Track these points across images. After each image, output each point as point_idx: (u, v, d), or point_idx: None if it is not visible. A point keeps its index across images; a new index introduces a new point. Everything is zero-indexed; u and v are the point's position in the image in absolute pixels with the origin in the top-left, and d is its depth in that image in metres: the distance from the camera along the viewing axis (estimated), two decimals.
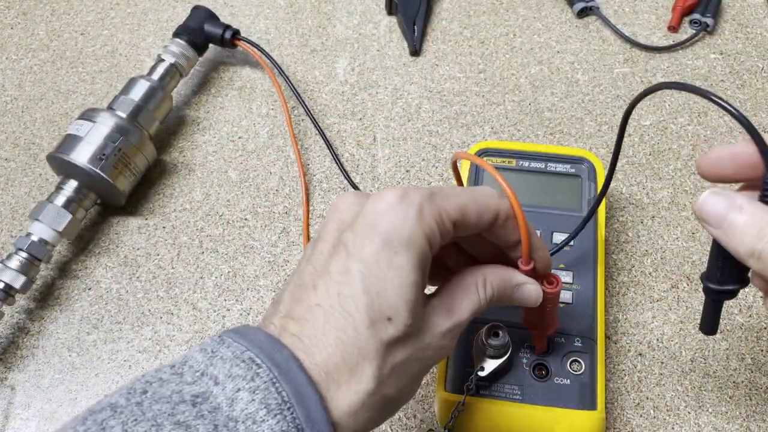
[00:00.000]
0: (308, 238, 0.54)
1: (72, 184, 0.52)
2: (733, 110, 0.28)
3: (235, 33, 0.62)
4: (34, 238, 0.50)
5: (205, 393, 0.28)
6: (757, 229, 0.28)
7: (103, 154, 0.52)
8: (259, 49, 0.62)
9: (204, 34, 0.61)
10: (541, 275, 0.36)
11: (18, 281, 0.48)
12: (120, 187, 0.53)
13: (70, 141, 0.52)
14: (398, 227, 0.30)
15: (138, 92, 0.56)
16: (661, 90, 0.31)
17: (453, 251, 0.37)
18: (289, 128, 0.58)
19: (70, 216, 0.51)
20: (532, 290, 0.35)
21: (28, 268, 0.49)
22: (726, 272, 0.32)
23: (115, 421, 0.27)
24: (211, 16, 0.62)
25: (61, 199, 0.52)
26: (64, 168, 0.53)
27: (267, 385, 0.28)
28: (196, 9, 0.62)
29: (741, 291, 0.33)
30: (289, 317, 0.31)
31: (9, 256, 0.49)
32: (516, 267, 0.35)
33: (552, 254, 0.44)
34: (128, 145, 0.53)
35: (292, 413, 0.27)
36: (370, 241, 0.30)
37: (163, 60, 0.59)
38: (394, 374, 0.31)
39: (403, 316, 0.30)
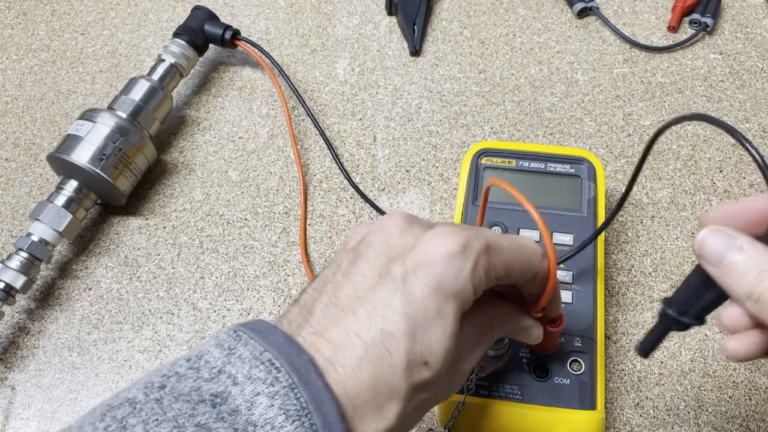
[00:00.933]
0: (305, 238, 0.54)
1: (72, 184, 0.52)
2: (758, 158, 0.27)
3: (235, 33, 0.62)
4: (35, 238, 0.50)
5: (224, 393, 0.28)
6: (757, 270, 0.28)
7: (104, 154, 0.52)
8: (259, 49, 0.62)
9: (204, 35, 0.61)
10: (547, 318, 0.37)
11: (18, 281, 0.48)
12: (120, 187, 0.53)
13: (70, 141, 0.52)
14: (453, 278, 0.30)
15: (138, 92, 0.56)
16: (691, 121, 0.30)
17: None
18: (289, 128, 0.58)
19: (70, 216, 0.51)
20: (533, 333, 0.37)
21: (28, 268, 0.49)
22: (694, 306, 0.31)
23: (135, 420, 0.27)
24: (212, 17, 0.62)
25: (61, 199, 0.52)
26: (64, 168, 0.53)
27: (286, 390, 0.28)
28: (197, 9, 0.62)
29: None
30: (322, 336, 0.30)
31: (9, 256, 0.49)
32: (528, 304, 0.36)
33: (559, 263, 0.44)
34: (128, 145, 0.53)
35: (309, 419, 0.27)
36: (423, 283, 0.30)
37: (163, 60, 0.59)
38: (413, 411, 0.31)
39: (438, 363, 0.30)
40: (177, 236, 0.55)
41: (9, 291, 0.48)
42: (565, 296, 0.44)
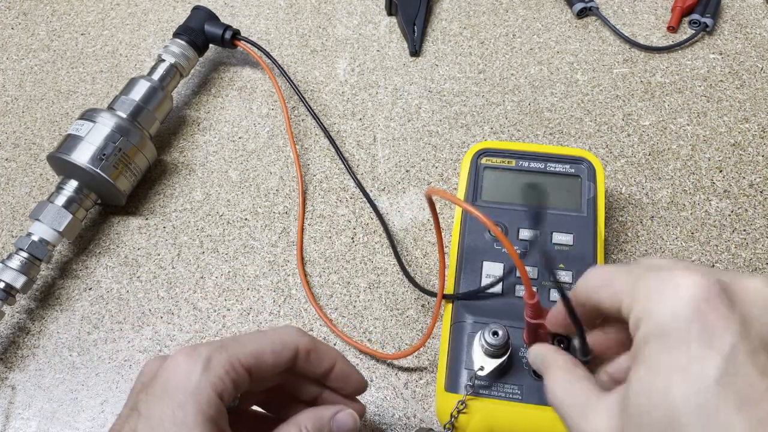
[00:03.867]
0: (302, 240, 0.54)
1: (72, 184, 0.52)
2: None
3: (235, 33, 0.62)
4: (35, 238, 0.50)
5: None
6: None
7: (104, 154, 0.52)
8: (259, 49, 0.62)
9: (204, 35, 0.61)
10: (546, 311, 0.37)
11: (18, 281, 0.48)
12: (120, 187, 0.53)
13: (70, 141, 0.52)
14: (183, 382, 0.32)
15: (138, 92, 0.56)
16: None
17: (284, 399, 0.40)
18: (288, 128, 0.58)
19: (70, 216, 0.51)
20: (344, 417, 0.38)
21: (28, 268, 0.49)
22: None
23: None
24: (212, 17, 0.62)
25: (61, 199, 0.52)
26: (64, 168, 0.53)
27: None
28: (197, 9, 0.62)
29: None
30: None
31: (10, 256, 0.49)
32: (336, 394, 0.39)
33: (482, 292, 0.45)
34: (129, 145, 0.53)
35: None
36: (159, 399, 0.31)
37: (163, 60, 0.59)
38: None
39: None
40: (177, 236, 0.55)
41: (9, 291, 0.48)
42: None
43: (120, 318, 0.51)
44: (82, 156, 0.52)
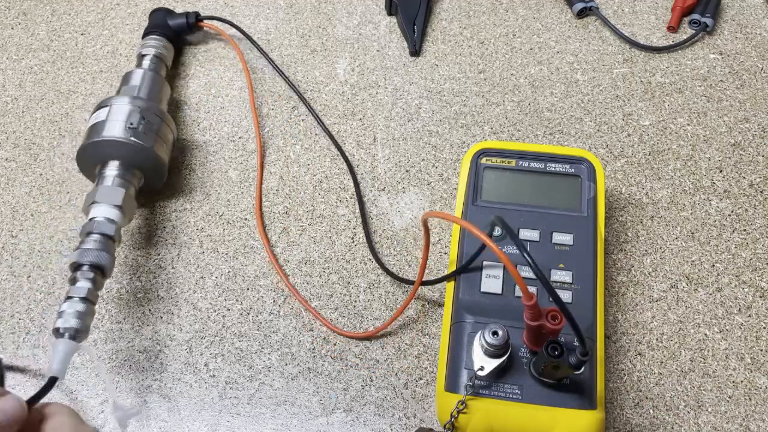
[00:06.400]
0: (261, 185, 0.54)
1: (114, 165, 0.52)
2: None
3: (197, 15, 0.64)
4: (99, 218, 0.49)
5: None
6: None
7: (131, 123, 0.52)
8: (224, 23, 0.64)
9: (171, 27, 0.63)
10: (545, 311, 0.37)
11: (102, 259, 0.47)
12: (159, 154, 0.53)
13: (95, 128, 0.52)
14: None
15: (137, 79, 0.58)
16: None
17: None
18: (252, 98, 0.58)
19: (123, 191, 0.50)
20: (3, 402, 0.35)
21: (106, 247, 0.48)
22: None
23: None
24: (169, 11, 0.65)
25: (109, 181, 0.51)
26: (98, 154, 0.52)
27: None
28: (154, 12, 0.65)
29: (741, 289, 0.36)
30: None
31: (82, 242, 0.48)
32: None
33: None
34: (151, 114, 0.54)
35: None
36: None
37: (145, 55, 0.61)
38: None
39: None
40: (177, 236, 0.55)
41: (98, 271, 0.47)
42: (565, 296, 0.44)
43: (120, 318, 0.51)
44: (113, 131, 0.51)
